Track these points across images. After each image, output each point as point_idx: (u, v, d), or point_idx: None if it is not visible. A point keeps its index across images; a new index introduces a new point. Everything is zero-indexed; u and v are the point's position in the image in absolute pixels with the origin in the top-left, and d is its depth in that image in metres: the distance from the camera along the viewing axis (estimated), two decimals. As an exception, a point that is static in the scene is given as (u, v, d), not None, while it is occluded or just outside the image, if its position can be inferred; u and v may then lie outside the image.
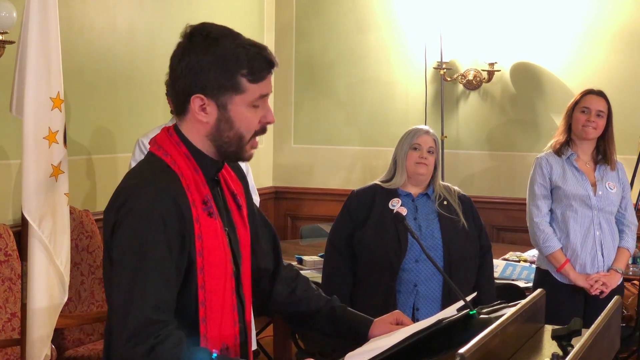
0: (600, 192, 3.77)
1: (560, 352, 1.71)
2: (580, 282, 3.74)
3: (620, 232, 3.84)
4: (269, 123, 1.85)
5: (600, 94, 3.81)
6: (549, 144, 3.92)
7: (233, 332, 1.86)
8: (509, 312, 1.80)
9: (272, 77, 1.86)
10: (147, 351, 1.68)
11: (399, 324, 2.04)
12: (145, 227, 1.72)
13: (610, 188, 3.78)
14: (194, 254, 1.77)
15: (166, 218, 1.73)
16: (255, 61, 1.78)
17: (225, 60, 1.77)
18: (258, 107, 1.82)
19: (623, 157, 4.94)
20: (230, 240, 1.89)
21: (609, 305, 1.95)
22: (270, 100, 1.95)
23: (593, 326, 1.78)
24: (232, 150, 1.84)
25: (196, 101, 1.80)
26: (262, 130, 1.85)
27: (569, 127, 3.83)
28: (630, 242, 3.84)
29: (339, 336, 2.11)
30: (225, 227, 1.88)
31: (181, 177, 1.80)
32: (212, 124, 1.81)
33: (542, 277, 3.85)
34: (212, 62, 1.78)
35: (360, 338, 2.04)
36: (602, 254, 3.76)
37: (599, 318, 1.84)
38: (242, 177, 2.05)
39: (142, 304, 1.70)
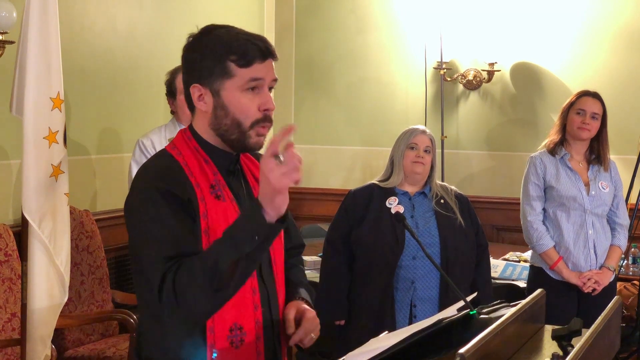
0: (593, 192, 3.80)
1: (560, 352, 1.71)
2: (573, 279, 3.78)
3: (612, 230, 3.88)
4: (268, 110, 1.86)
5: (595, 95, 3.84)
6: (543, 143, 3.95)
7: (253, 315, 1.88)
8: (509, 312, 1.80)
9: (272, 66, 1.86)
10: (171, 287, 1.70)
11: (299, 316, 1.98)
12: (146, 204, 1.79)
13: (602, 188, 3.82)
14: (198, 232, 1.80)
15: (166, 195, 1.78)
16: (244, 47, 1.82)
17: (216, 48, 1.83)
18: (254, 92, 1.84)
19: (623, 157, 4.96)
20: None
21: (609, 305, 1.95)
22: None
23: (593, 326, 1.78)
24: (234, 138, 1.86)
25: (194, 91, 1.86)
26: (265, 119, 1.86)
27: (563, 127, 3.86)
28: (622, 240, 3.90)
29: None
30: None
31: (184, 165, 1.86)
32: (210, 112, 1.86)
33: (536, 275, 3.89)
34: (204, 51, 1.84)
35: None
36: (595, 253, 3.80)
37: (599, 318, 1.84)
38: None
39: (157, 260, 1.73)
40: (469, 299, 2.09)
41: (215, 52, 1.82)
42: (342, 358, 1.83)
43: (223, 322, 1.83)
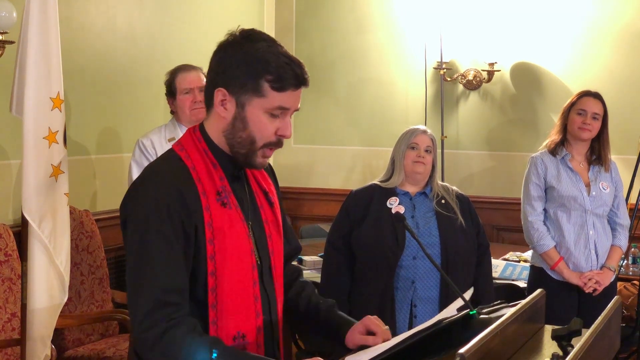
0: (594, 193, 3.80)
1: (560, 352, 1.71)
2: (574, 279, 3.78)
3: (613, 230, 3.89)
4: (284, 137, 1.86)
5: (596, 96, 3.84)
6: (544, 144, 3.95)
7: (254, 323, 1.88)
8: (509, 312, 1.80)
9: (300, 95, 1.86)
10: (160, 334, 1.72)
11: (370, 332, 2.01)
12: (149, 217, 1.77)
13: (603, 188, 3.82)
14: (203, 241, 1.80)
15: (170, 207, 1.77)
16: (282, 70, 1.80)
17: (254, 61, 1.80)
18: (277, 117, 1.84)
19: (623, 157, 4.96)
20: (254, 233, 1.92)
21: (609, 305, 1.95)
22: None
23: (593, 326, 1.77)
24: (243, 152, 1.86)
25: (218, 94, 1.84)
26: (278, 143, 1.87)
27: (564, 128, 3.86)
28: (622, 241, 3.90)
29: (325, 336, 2.10)
30: (248, 220, 1.90)
31: (192, 169, 1.84)
32: (228, 120, 1.85)
33: (537, 275, 3.90)
34: (241, 60, 1.81)
35: (338, 340, 2.05)
36: (596, 253, 3.80)
37: (599, 318, 1.84)
38: (273, 176, 2.09)
39: (151, 286, 1.74)
40: (467, 297, 2.09)
41: (252, 66, 1.80)
42: (342, 358, 1.83)
43: (227, 330, 1.83)
